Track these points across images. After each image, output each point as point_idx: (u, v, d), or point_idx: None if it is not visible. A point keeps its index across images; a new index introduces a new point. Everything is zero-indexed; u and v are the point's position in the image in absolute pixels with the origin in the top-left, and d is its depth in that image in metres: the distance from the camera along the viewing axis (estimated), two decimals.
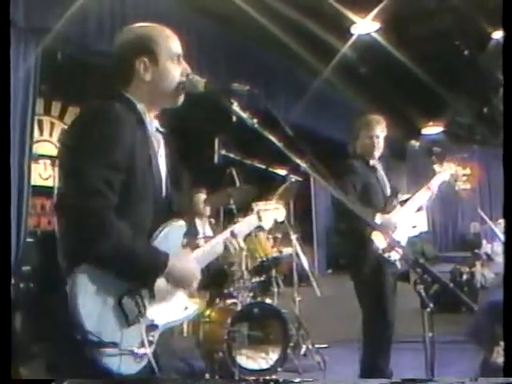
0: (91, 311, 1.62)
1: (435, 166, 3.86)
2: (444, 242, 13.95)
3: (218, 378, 3.98)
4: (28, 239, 4.85)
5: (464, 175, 3.87)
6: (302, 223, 9.14)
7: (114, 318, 1.67)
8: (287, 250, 5.45)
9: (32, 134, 4.92)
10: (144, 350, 1.72)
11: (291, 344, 4.39)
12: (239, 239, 2.08)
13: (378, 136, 3.65)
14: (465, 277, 7.09)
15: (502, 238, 3.70)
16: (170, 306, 1.86)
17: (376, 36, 7.60)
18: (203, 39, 6.61)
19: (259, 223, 2.27)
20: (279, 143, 1.82)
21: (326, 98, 9.07)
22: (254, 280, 4.58)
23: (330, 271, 10.98)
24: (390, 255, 3.34)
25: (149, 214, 1.81)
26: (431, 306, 1.74)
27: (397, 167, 12.07)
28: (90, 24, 5.23)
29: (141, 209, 1.78)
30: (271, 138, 1.82)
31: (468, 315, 4.09)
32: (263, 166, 4.51)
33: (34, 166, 5.22)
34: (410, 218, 3.60)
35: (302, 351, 4.70)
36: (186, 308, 1.94)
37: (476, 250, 9.48)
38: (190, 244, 2.03)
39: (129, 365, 1.69)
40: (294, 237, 4.98)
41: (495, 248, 8.90)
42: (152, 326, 1.77)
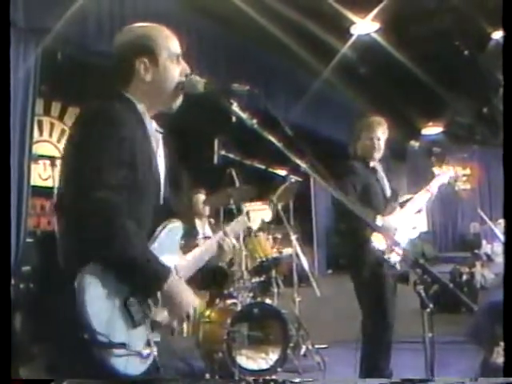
0: (99, 312, 1.61)
1: (434, 168, 3.86)
2: (444, 243, 13.96)
3: (217, 378, 3.97)
4: (28, 239, 4.85)
5: (464, 175, 3.87)
6: (302, 224, 9.14)
7: (121, 318, 1.66)
8: (287, 251, 5.46)
9: (32, 135, 4.92)
10: (149, 350, 1.72)
11: (291, 344, 4.39)
12: (232, 238, 2.11)
13: (379, 138, 3.63)
14: (464, 277, 7.09)
15: (502, 238, 3.70)
16: None
17: (376, 36, 7.61)
18: (203, 39, 6.61)
19: (248, 223, 2.31)
20: (279, 143, 1.81)
21: (326, 99, 9.07)
22: (253, 280, 4.58)
23: (329, 272, 10.99)
24: (389, 256, 3.34)
25: (148, 215, 1.81)
26: (431, 306, 1.74)
27: (397, 167, 12.07)
28: (90, 24, 5.23)
29: (141, 209, 1.78)
30: (271, 138, 1.82)
31: (468, 315, 4.09)
32: (263, 167, 4.51)
33: (33, 166, 5.21)
34: (410, 219, 3.60)
35: (302, 351, 4.70)
36: None
37: (476, 251, 9.49)
38: (189, 244, 2.04)
39: (135, 365, 1.69)
40: (293, 237, 4.97)
41: (495, 248, 8.90)
42: (157, 326, 1.77)
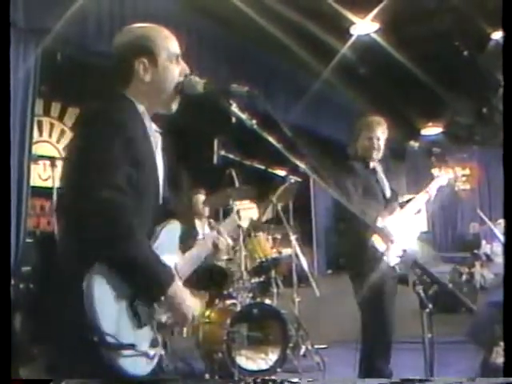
0: (108, 313, 1.61)
1: (434, 169, 3.86)
2: (443, 243, 13.93)
3: (217, 378, 3.98)
4: (27, 240, 4.84)
5: (463, 176, 3.87)
6: (302, 224, 9.14)
7: (128, 319, 1.66)
8: (287, 251, 5.46)
9: (31, 135, 4.91)
10: (155, 351, 1.73)
11: (291, 344, 4.39)
12: (227, 237, 2.12)
13: (379, 138, 3.63)
14: (464, 277, 7.10)
15: (502, 238, 3.70)
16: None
17: (375, 36, 7.60)
18: (203, 40, 6.61)
19: (239, 222, 2.33)
20: (278, 144, 1.82)
21: (326, 99, 9.07)
22: (253, 281, 4.58)
23: (329, 272, 10.98)
24: (389, 257, 3.34)
25: (148, 215, 1.81)
26: (430, 306, 1.74)
27: (396, 168, 12.06)
28: (90, 25, 5.22)
29: (141, 209, 1.77)
30: (270, 138, 1.82)
31: (467, 316, 4.09)
32: (263, 167, 4.51)
33: (33, 166, 5.21)
34: (410, 219, 3.60)
35: (302, 352, 4.71)
36: None
37: (475, 251, 9.50)
38: (189, 244, 2.04)
39: (141, 366, 1.69)
40: (293, 237, 4.98)
41: (494, 248, 8.90)
42: (161, 326, 1.77)
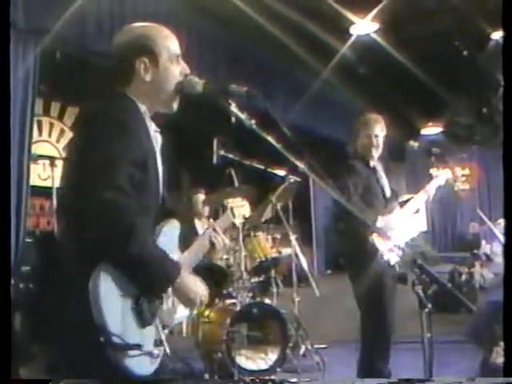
0: (114, 312, 1.60)
1: (432, 169, 3.85)
2: (443, 243, 13.94)
3: (217, 378, 3.98)
4: (27, 239, 4.84)
5: (463, 175, 3.87)
6: (301, 224, 9.15)
7: (133, 318, 1.66)
8: (286, 251, 5.46)
9: (31, 135, 4.92)
10: (159, 350, 1.73)
11: (290, 344, 4.39)
12: (222, 236, 2.13)
13: (377, 135, 3.62)
14: (464, 277, 7.09)
15: (501, 238, 3.70)
16: (173, 304, 1.88)
17: (375, 36, 7.60)
18: (202, 40, 6.61)
19: (233, 219, 2.34)
20: (278, 144, 1.82)
21: (325, 99, 9.07)
22: (253, 280, 4.58)
23: (329, 272, 10.99)
24: (389, 257, 3.34)
25: (150, 214, 1.80)
26: (429, 306, 1.74)
27: (396, 167, 12.06)
28: (89, 24, 5.23)
29: (142, 208, 1.75)
30: (270, 138, 1.82)
31: (467, 315, 4.09)
32: (262, 167, 4.51)
33: (32, 166, 5.21)
34: (409, 219, 3.60)
35: (301, 351, 4.70)
36: None
37: (475, 251, 9.50)
38: (189, 244, 2.04)
39: (146, 366, 1.69)
40: (293, 237, 4.97)
41: (494, 248, 8.91)
42: (164, 326, 1.78)
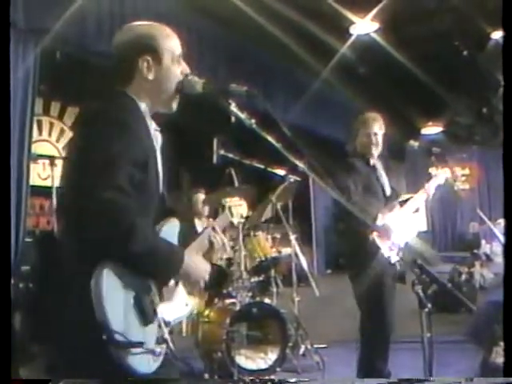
0: (116, 310, 1.60)
1: (432, 168, 3.86)
2: (443, 242, 13.95)
3: (216, 378, 3.98)
4: (27, 239, 4.85)
5: (463, 175, 3.87)
6: (301, 223, 9.15)
7: (135, 316, 1.67)
8: (286, 250, 5.46)
9: (31, 134, 4.92)
10: (161, 348, 1.73)
11: (290, 344, 4.39)
12: (221, 235, 2.14)
13: (376, 133, 3.63)
14: (464, 277, 7.09)
15: (501, 238, 3.70)
16: (174, 303, 1.88)
17: (375, 36, 7.61)
18: (202, 39, 6.61)
19: (231, 218, 2.36)
20: (278, 143, 1.82)
21: (325, 99, 9.08)
22: (252, 280, 4.58)
23: (329, 271, 10.99)
24: (389, 256, 3.34)
25: (150, 213, 1.80)
26: (429, 306, 1.74)
27: (396, 167, 12.05)
28: (89, 24, 5.23)
29: (142, 208, 1.76)
30: (270, 138, 1.82)
31: (467, 315, 4.10)
32: (262, 166, 4.51)
33: (32, 165, 5.21)
34: (409, 218, 3.60)
35: (301, 351, 4.70)
36: (186, 304, 1.97)
37: (475, 251, 9.51)
38: (189, 243, 2.04)
39: (149, 364, 1.69)
40: (292, 237, 4.97)
41: (494, 248, 8.91)
42: (165, 323, 1.78)
